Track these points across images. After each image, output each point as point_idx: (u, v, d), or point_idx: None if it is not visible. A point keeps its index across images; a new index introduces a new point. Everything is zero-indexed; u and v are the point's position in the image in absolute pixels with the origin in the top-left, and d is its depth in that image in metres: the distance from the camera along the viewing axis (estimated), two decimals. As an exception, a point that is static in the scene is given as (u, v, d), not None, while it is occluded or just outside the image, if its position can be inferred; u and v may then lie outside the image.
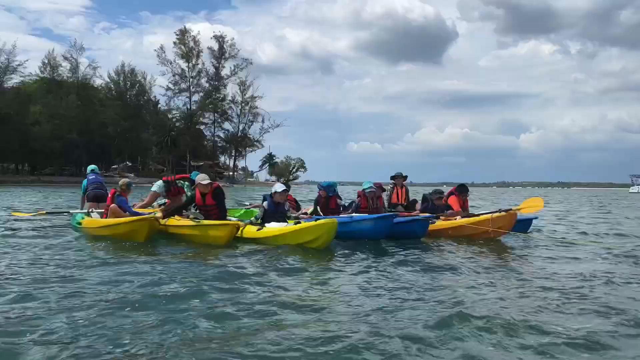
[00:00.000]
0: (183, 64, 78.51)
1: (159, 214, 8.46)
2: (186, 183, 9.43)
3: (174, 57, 77.85)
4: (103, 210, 9.60)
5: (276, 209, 8.27)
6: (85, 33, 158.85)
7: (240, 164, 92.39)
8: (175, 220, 8.51)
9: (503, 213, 8.78)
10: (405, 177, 10.78)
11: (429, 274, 5.73)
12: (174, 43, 77.72)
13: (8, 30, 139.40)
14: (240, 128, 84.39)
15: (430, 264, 6.38)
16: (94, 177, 10.46)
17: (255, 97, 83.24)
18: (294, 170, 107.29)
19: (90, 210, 9.64)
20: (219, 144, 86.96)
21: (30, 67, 71.67)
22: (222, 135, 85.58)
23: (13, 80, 63.01)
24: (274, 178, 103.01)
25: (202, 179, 8.49)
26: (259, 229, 7.87)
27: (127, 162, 73.74)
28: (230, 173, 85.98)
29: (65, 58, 67.50)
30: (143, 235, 7.74)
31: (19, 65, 61.48)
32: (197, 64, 79.31)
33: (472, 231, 8.72)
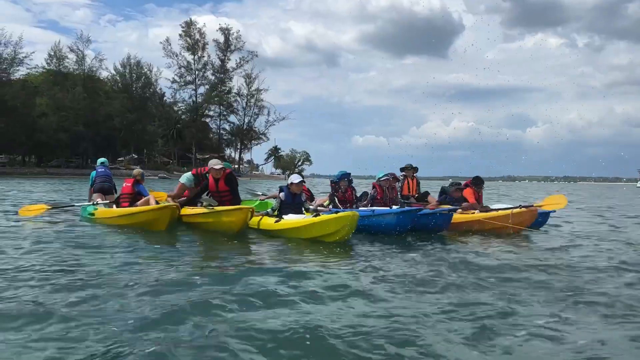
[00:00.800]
0: (189, 56, 78.59)
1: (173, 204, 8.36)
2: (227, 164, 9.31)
3: (180, 50, 77.92)
4: (109, 201, 9.59)
5: (293, 200, 8.12)
6: (91, 25, 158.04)
7: (246, 157, 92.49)
8: (188, 209, 8.46)
9: (523, 209, 8.60)
10: (416, 168, 10.63)
11: (452, 269, 5.53)
12: (180, 35, 77.76)
13: (14, 22, 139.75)
14: (246, 121, 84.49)
15: (453, 260, 6.17)
16: (102, 170, 10.43)
17: (261, 89, 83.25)
18: (300, 163, 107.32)
19: (95, 202, 9.55)
20: (225, 137, 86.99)
21: (37, 59, 71.81)
22: (227, 128, 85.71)
23: (19, 72, 63.07)
24: (279, 171, 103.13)
25: (215, 163, 8.46)
26: (276, 221, 7.70)
27: (133, 155, 73.75)
28: (236, 166, 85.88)
29: (72, 50, 67.43)
30: (165, 222, 7.75)
31: (25, 57, 61.43)
32: (203, 57, 79.38)
33: (491, 226, 8.56)
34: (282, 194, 8.16)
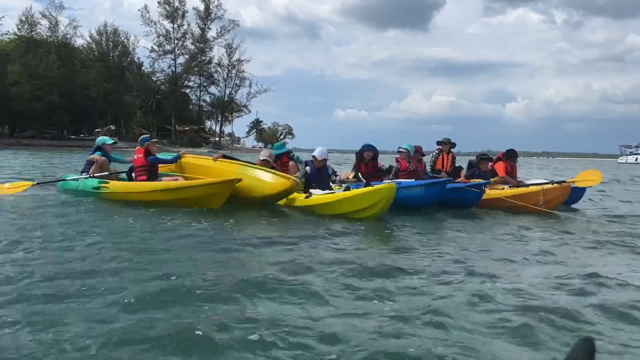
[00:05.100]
0: (168, 24, 76.11)
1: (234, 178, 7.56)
2: (296, 155, 8.98)
3: (158, 18, 75.38)
4: (107, 172, 8.69)
5: (319, 174, 7.84)
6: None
7: (227, 129, 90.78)
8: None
9: (555, 185, 8.16)
10: (454, 144, 10.12)
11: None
12: (159, 3, 75.04)
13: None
14: (227, 92, 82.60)
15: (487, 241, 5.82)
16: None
17: (242, 60, 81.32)
18: (282, 136, 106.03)
19: (92, 174, 8.56)
20: (205, 109, 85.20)
21: (8, 25, 68.82)
22: (208, 99, 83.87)
23: (-11, 38, 60.45)
24: (261, 144, 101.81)
25: (265, 154, 8.15)
26: (307, 197, 7.28)
27: (111, 126, 71.73)
28: (216, 139, 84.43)
29: (44, 16, 64.59)
30: (224, 199, 7.03)
31: (-6, 21, 58.81)
32: (182, 25, 76.94)
33: (520, 202, 8.12)
34: (308, 168, 7.88)
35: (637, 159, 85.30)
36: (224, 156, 8.44)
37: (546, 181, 8.61)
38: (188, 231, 5.57)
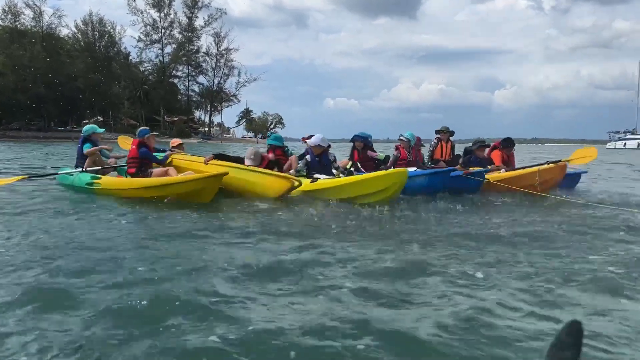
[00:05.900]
0: (154, 13, 75.18)
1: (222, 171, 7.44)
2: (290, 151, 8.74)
3: (145, 6, 74.42)
4: (100, 167, 8.42)
5: (320, 161, 7.77)
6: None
7: (216, 119, 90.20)
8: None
9: (551, 165, 8.25)
10: (452, 132, 9.95)
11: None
12: (145, -9, 73.97)
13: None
14: (216, 82, 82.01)
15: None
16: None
17: (231, 49, 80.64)
18: (272, 126, 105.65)
19: (84, 169, 8.28)
20: (194, 99, 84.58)
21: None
22: (196, 89, 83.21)
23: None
24: (251, 134, 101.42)
25: (250, 153, 8.02)
26: (312, 181, 7.22)
27: (98, 117, 70.91)
28: (206, 129, 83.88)
29: (27, 5, 63.62)
30: (212, 194, 6.95)
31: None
32: (169, 14, 76.08)
33: (517, 185, 8.07)
34: (308, 156, 7.81)
35: (625, 144, 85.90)
36: (216, 156, 8.18)
37: (542, 162, 8.70)
38: (187, 222, 5.49)
